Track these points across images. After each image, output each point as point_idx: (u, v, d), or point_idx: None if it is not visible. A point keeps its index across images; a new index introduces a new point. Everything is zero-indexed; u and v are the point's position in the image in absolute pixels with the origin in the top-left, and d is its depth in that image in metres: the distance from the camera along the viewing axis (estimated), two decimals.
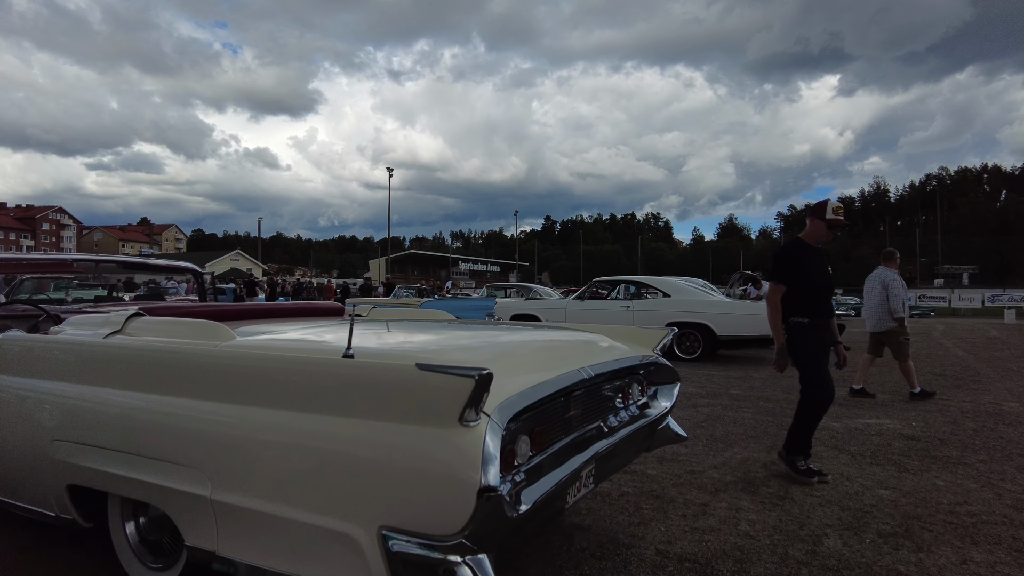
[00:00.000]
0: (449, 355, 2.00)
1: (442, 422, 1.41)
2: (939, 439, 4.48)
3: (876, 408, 5.70)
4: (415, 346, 2.16)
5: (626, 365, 2.48)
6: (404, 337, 2.35)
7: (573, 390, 2.03)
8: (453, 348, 2.21)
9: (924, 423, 5.05)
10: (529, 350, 2.21)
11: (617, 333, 2.93)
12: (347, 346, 1.60)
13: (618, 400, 2.49)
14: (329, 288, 31.30)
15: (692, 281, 11.48)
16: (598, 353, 2.41)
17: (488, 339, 2.39)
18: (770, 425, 4.88)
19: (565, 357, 2.18)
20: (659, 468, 3.66)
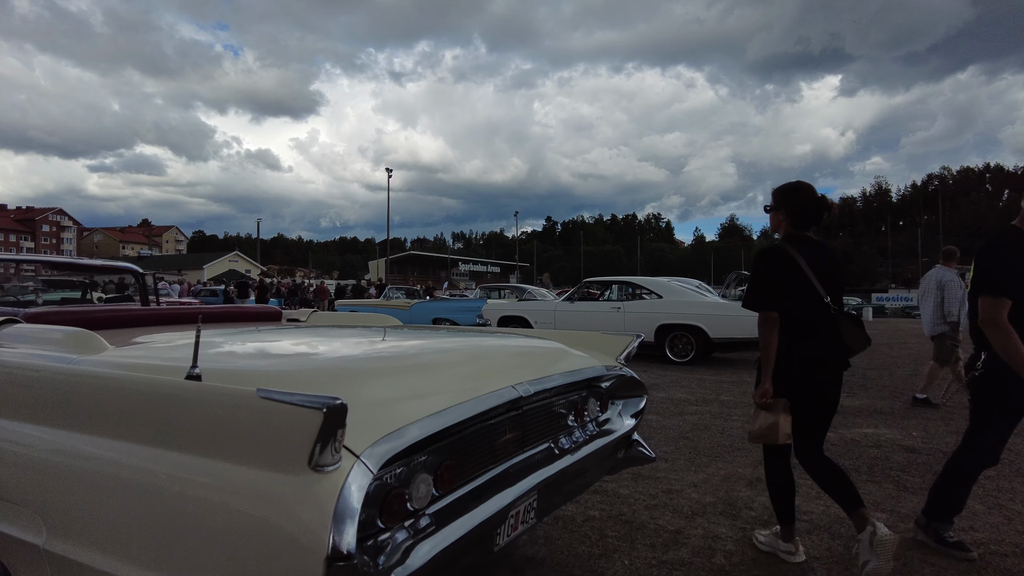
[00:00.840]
0: (332, 374, 1.57)
1: (289, 466, 1.08)
2: (942, 452, 4.13)
3: (876, 416, 5.36)
4: (296, 363, 1.77)
5: (581, 378, 2.15)
6: (297, 349, 2.00)
7: (503, 411, 1.70)
8: (350, 364, 1.79)
9: (926, 433, 4.71)
10: (450, 364, 1.86)
11: (577, 340, 2.59)
12: (192, 363, 1.27)
13: (571, 418, 2.16)
14: (323, 289, 31.03)
15: (686, 282, 11.16)
16: (545, 364, 2.08)
17: (404, 350, 2.04)
18: None
19: (499, 371, 1.84)
20: (633, 487, 3.33)
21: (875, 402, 6.02)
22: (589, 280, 10.48)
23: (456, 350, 2.06)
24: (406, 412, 1.35)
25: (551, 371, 2.05)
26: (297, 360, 1.80)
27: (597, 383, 2.33)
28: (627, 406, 2.47)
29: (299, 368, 1.60)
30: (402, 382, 1.52)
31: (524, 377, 1.88)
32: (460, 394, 1.56)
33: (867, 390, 6.76)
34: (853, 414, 5.41)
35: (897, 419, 5.23)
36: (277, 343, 2.11)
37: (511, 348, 2.21)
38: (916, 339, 15.03)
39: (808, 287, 2.42)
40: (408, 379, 1.56)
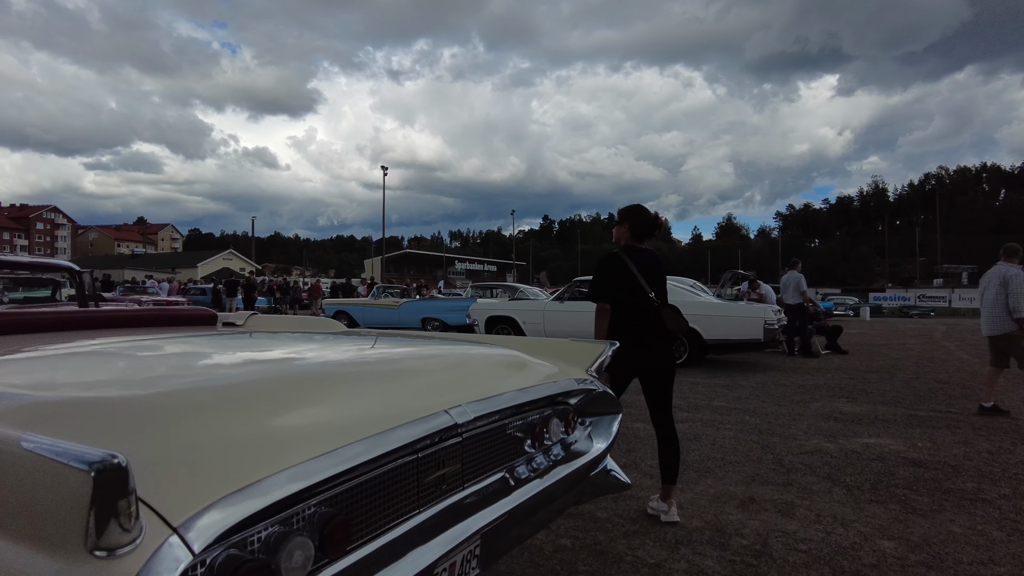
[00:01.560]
0: (174, 405, 1.14)
1: (64, 546, 0.75)
2: (951, 465, 3.82)
3: (877, 424, 5.04)
4: (133, 389, 1.33)
5: (539, 395, 1.82)
6: (155, 369, 1.63)
7: (432, 442, 1.37)
8: (215, 387, 1.35)
9: (932, 443, 4.39)
10: (365, 384, 1.51)
11: (543, 347, 2.27)
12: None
13: (528, 443, 1.83)
14: (317, 288, 30.68)
15: (680, 281, 10.83)
16: (494, 380, 1.75)
17: (310, 366, 1.67)
18: (753, 447, 4.22)
19: (430, 391, 1.51)
20: (612, 509, 3.00)
21: (876, 408, 5.70)
22: (580, 279, 10.15)
23: (380, 365, 1.71)
24: (278, 455, 1.02)
25: (502, 388, 1.71)
26: (140, 384, 1.39)
27: (562, 400, 2.00)
28: (598, 426, 2.14)
29: (129, 396, 1.21)
30: (287, 411, 1.19)
31: (464, 397, 1.55)
32: (368, 425, 1.23)
33: (868, 395, 6.45)
34: (853, 422, 5.09)
35: (900, 427, 4.92)
36: (143, 358, 1.74)
37: (453, 361, 1.88)
38: (916, 340, 14.75)
39: (636, 285, 3.06)
40: (297, 406, 1.23)
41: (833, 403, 5.96)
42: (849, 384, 7.21)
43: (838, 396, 6.37)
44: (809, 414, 5.39)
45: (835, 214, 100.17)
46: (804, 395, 6.40)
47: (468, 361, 1.90)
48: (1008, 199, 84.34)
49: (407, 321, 14.18)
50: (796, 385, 7.08)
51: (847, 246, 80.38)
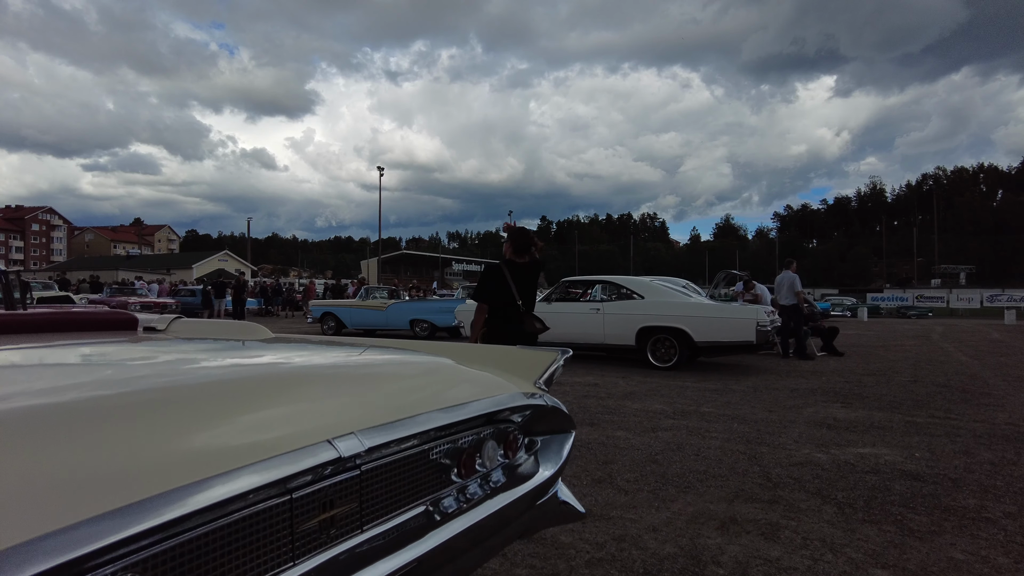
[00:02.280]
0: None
1: None
2: (951, 479, 3.54)
3: (873, 431, 4.76)
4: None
5: (467, 415, 1.54)
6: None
7: (312, 479, 1.09)
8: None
9: (930, 453, 4.12)
10: (226, 407, 1.22)
11: (487, 356, 1.99)
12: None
13: (455, 472, 1.54)
14: (310, 288, 30.37)
15: (673, 281, 10.57)
16: (408, 398, 1.47)
17: (165, 380, 1.37)
18: (740, 458, 3.94)
19: (313, 415, 1.23)
20: (578, 532, 2.72)
21: (872, 414, 5.43)
22: (567, 280, 9.89)
23: (266, 381, 1.41)
24: (55, 511, 0.74)
25: (418, 408, 1.43)
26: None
27: (503, 417, 1.72)
28: (548, 447, 1.86)
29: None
30: (107, 444, 0.90)
31: (365, 421, 1.27)
32: (207, 463, 0.95)
33: (863, 400, 6.18)
34: (847, 429, 4.82)
35: (897, 435, 4.64)
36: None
37: (363, 374, 1.59)
38: (913, 341, 14.50)
39: (509, 292, 3.71)
40: (127, 438, 0.94)
41: (827, 409, 5.68)
42: (844, 388, 6.94)
43: (832, 401, 6.10)
44: (801, 421, 5.12)
45: (833, 215, 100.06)
46: (797, 400, 6.12)
47: (383, 374, 1.62)
48: (1005, 199, 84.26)
49: (395, 322, 13.90)
50: (789, 389, 6.81)
51: (844, 247, 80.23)
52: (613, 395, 6.29)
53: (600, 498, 3.15)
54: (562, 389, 6.61)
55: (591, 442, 4.31)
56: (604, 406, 5.68)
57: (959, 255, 63.70)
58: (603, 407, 5.63)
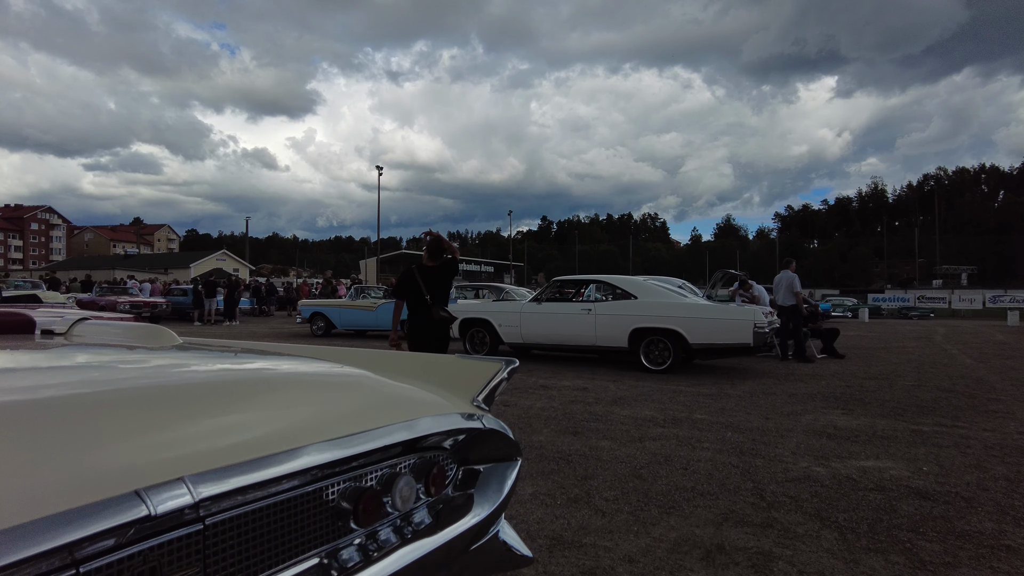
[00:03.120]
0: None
1: None
2: (964, 497, 3.21)
3: (876, 441, 4.44)
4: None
5: (374, 445, 1.22)
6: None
7: (106, 547, 0.78)
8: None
9: (940, 467, 3.80)
10: (40, 436, 0.89)
11: (415, 366, 1.67)
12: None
13: (358, 516, 1.22)
14: (303, 290, 30.08)
15: (668, 281, 10.26)
16: (295, 425, 1.15)
17: (34, 404, 1.07)
18: (732, 472, 3.61)
19: (136, 451, 0.91)
20: (544, 563, 2.39)
21: (875, 422, 5.11)
22: (559, 279, 9.56)
23: (93, 402, 1.07)
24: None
25: (301, 438, 1.11)
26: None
27: (428, 445, 1.40)
28: (487, 479, 1.54)
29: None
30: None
31: (207, 460, 0.95)
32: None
33: (865, 406, 5.85)
34: (849, 439, 4.49)
35: (902, 446, 4.32)
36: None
37: (236, 394, 1.26)
38: (916, 343, 14.16)
39: (419, 290, 4.68)
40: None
41: (827, 415, 5.36)
42: (845, 393, 6.61)
43: (832, 407, 5.77)
44: (799, 429, 4.80)
45: (834, 215, 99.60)
46: (795, 406, 5.80)
47: (270, 393, 1.30)
48: (1007, 200, 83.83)
49: (385, 323, 13.58)
50: (787, 394, 6.49)
51: (845, 247, 79.83)
52: (601, 400, 5.97)
53: (574, 520, 2.83)
54: (548, 394, 6.29)
55: (571, 454, 3.99)
56: (591, 412, 5.35)
57: (960, 256, 63.30)
58: (589, 413, 5.30)
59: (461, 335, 9.55)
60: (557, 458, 3.87)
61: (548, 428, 4.73)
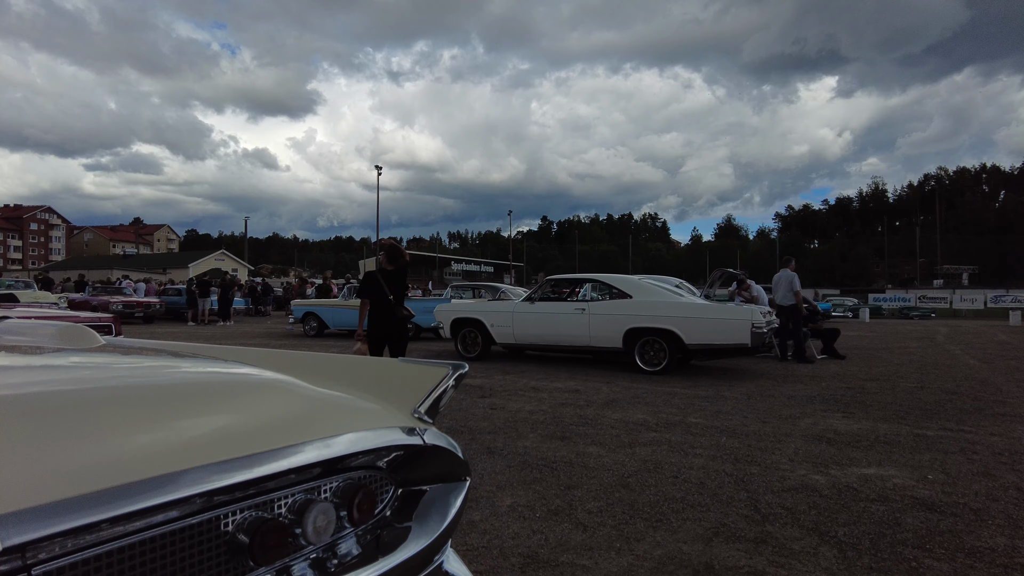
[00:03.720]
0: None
1: None
2: (972, 509, 3.00)
3: (878, 447, 4.23)
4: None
5: (278, 468, 1.01)
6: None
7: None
8: None
9: (946, 475, 3.58)
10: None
11: (349, 371, 1.47)
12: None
13: (251, 553, 1.01)
14: (296, 288, 29.89)
15: (665, 280, 10.05)
16: (149, 447, 0.95)
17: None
18: (725, 481, 3.40)
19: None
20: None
21: (876, 426, 4.90)
22: (552, 278, 9.35)
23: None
24: None
25: (184, 459, 0.91)
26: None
27: (358, 465, 1.20)
28: (430, 503, 1.33)
29: None
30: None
31: (51, 491, 0.76)
32: None
33: (866, 408, 5.64)
34: (849, 444, 4.28)
35: (906, 452, 4.11)
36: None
37: (119, 409, 1.05)
38: (917, 343, 13.95)
39: (381, 291, 5.18)
40: None
41: (827, 419, 5.15)
42: (846, 395, 6.40)
43: (833, 410, 5.56)
44: (798, 434, 4.59)
45: (834, 215, 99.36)
46: (794, 409, 5.59)
47: (160, 403, 1.09)
48: (1008, 200, 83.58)
49: None
50: (786, 396, 6.28)
51: (846, 247, 79.60)
52: (593, 403, 5.76)
53: (552, 536, 2.62)
54: (539, 396, 6.09)
55: (557, 461, 3.78)
56: (581, 416, 5.14)
57: (962, 255, 63.04)
58: (579, 417, 5.09)
59: (453, 335, 9.35)
60: (541, 465, 3.67)
61: (535, 433, 4.52)
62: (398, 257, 5.48)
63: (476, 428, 4.64)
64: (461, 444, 4.20)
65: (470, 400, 5.82)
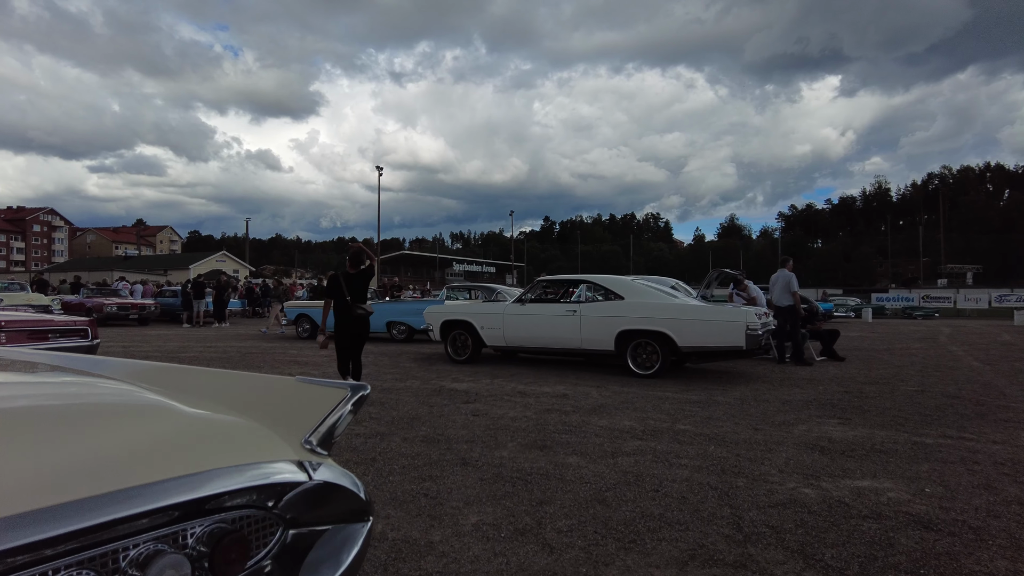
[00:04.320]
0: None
1: None
2: (972, 527, 2.80)
3: (874, 456, 4.02)
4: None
5: (114, 516, 0.83)
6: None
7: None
8: None
9: (944, 488, 3.38)
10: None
11: (230, 390, 1.27)
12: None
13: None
14: (291, 291, 29.70)
15: (661, 281, 9.86)
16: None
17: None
18: (709, 495, 3.20)
19: None
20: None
21: (873, 433, 4.69)
22: (543, 278, 9.15)
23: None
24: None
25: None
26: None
27: (232, 505, 1.00)
28: (323, 547, 1.13)
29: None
30: None
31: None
32: None
33: (864, 414, 5.43)
34: (844, 453, 4.07)
35: (903, 462, 3.90)
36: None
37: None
38: (920, 344, 13.71)
39: (341, 292, 5.79)
40: None
41: (822, 426, 4.94)
42: (843, 399, 6.19)
43: (828, 416, 5.35)
44: (790, 442, 4.38)
45: (837, 214, 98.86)
46: (788, 415, 5.38)
47: None
48: (1012, 198, 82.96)
49: (372, 324, 13.20)
50: (781, 401, 6.06)
51: (849, 246, 79.13)
52: (580, 409, 5.56)
53: (515, 559, 2.42)
54: (524, 401, 5.89)
55: (532, 472, 3.58)
56: (565, 423, 4.94)
57: (965, 255, 62.54)
58: (563, 424, 4.89)
59: (442, 337, 9.16)
60: (514, 478, 3.47)
61: (514, 441, 4.32)
62: (361, 262, 5.99)
63: (454, 436, 4.45)
64: (436, 454, 3.94)
65: (453, 406, 5.63)
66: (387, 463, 3.75)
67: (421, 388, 6.67)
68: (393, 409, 5.47)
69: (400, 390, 6.51)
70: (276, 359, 9.55)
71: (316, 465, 1.13)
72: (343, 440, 4.30)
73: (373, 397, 6.06)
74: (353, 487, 1.14)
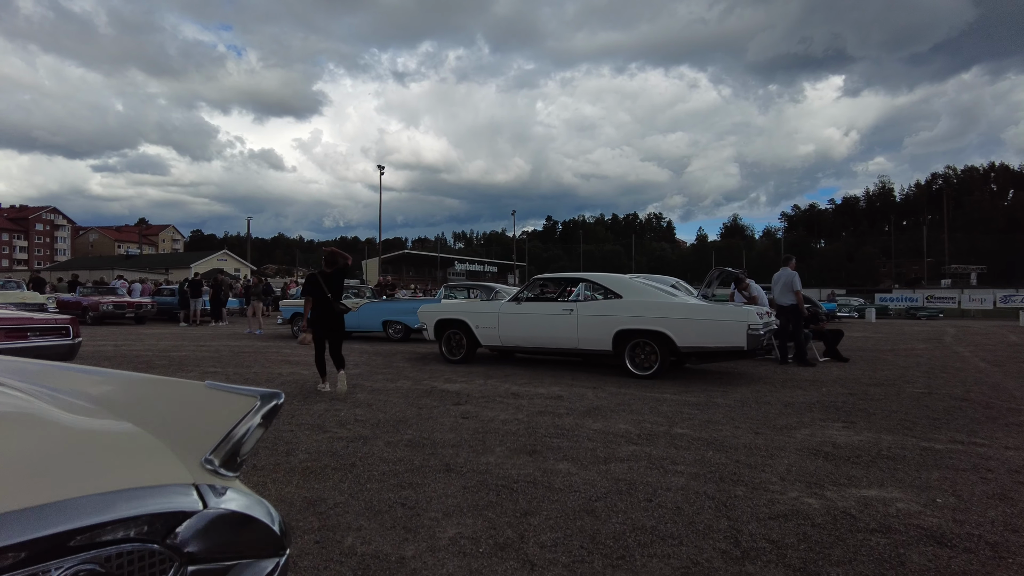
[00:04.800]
0: None
1: None
2: (988, 543, 2.59)
3: (881, 463, 3.81)
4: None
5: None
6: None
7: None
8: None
9: (957, 498, 3.17)
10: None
11: (142, 395, 1.08)
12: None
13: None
14: (290, 287, 29.57)
15: (661, 280, 9.65)
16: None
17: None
18: (705, 506, 3.00)
19: None
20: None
21: (880, 438, 4.48)
22: (540, 277, 8.95)
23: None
24: None
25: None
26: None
27: (109, 538, 0.81)
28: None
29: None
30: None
31: None
32: None
33: (870, 418, 5.22)
34: (849, 460, 3.87)
35: (912, 469, 3.69)
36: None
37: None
38: (925, 344, 13.47)
39: (321, 291, 6.14)
40: None
41: (825, 430, 4.74)
42: (847, 402, 5.98)
43: (832, 419, 5.15)
44: (793, 447, 4.18)
45: (840, 215, 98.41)
46: (791, 418, 5.17)
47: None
48: (1016, 199, 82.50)
49: (367, 324, 13.03)
50: (783, 403, 5.86)
51: (852, 247, 78.71)
52: (574, 411, 5.36)
53: (488, 564, 2.23)
54: (517, 403, 5.69)
55: (519, 480, 3.38)
56: (557, 426, 4.74)
57: (970, 255, 62.11)
58: (556, 428, 4.70)
59: (437, 337, 8.96)
60: (499, 486, 3.27)
61: (502, 446, 4.13)
62: (335, 262, 6.37)
63: (440, 441, 4.25)
64: (419, 459, 3.68)
65: (442, 408, 5.43)
66: (366, 469, 3.56)
67: (412, 389, 6.48)
68: (380, 411, 5.28)
69: (390, 391, 6.32)
70: (268, 359, 9.37)
71: (222, 489, 0.94)
72: (322, 444, 4.11)
73: (361, 398, 5.88)
74: (264, 517, 0.95)
